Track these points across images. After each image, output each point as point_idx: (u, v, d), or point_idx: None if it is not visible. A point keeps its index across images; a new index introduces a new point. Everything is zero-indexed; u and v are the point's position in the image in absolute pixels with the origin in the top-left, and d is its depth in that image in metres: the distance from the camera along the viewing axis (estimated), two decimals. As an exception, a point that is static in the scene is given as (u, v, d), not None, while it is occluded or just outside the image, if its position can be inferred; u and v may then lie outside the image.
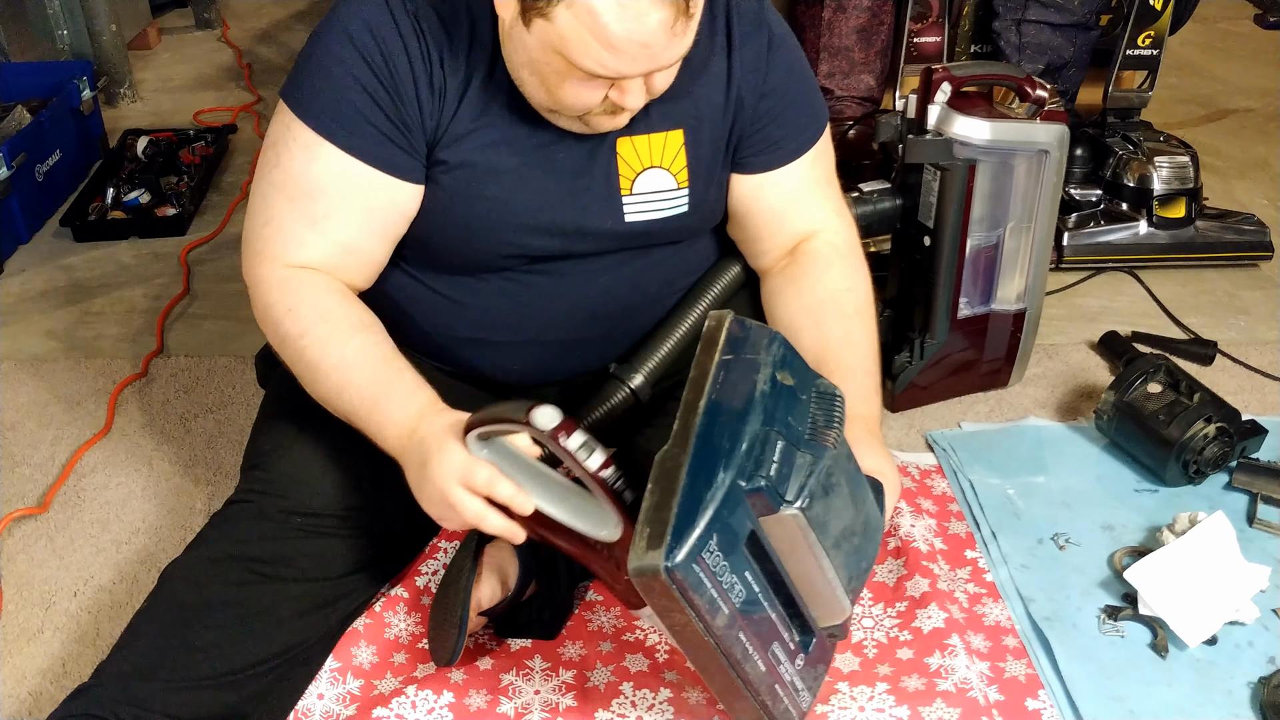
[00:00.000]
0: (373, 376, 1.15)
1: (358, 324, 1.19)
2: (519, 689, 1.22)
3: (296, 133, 1.18)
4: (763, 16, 1.28)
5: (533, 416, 0.99)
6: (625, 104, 1.13)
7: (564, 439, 0.99)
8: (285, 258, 1.19)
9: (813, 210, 1.36)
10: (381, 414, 1.14)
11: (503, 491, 1.04)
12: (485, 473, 1.04)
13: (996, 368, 1.78)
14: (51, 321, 2.03)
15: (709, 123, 1.27)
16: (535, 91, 1.15)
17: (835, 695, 1.20)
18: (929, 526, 1.45)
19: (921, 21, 2.24)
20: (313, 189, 1.18)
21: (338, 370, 1.16)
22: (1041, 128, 1.62)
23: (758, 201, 1.34)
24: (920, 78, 1.64)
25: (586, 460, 0.99)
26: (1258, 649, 1.29)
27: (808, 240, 1.36)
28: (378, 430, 1.14)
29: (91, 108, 2.63)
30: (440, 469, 1.05)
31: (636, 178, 1.26)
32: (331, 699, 1.21)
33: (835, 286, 1.33)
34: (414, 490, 1.10)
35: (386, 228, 1.22)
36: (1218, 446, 1.52)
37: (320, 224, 1.19)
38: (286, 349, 1.19)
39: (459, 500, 1.05)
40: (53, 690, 1.27)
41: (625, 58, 1.06)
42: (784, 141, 1.32)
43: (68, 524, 1.53)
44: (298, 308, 1.17)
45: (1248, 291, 2.10)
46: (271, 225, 1.20)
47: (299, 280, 1.19)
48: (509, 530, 1.06)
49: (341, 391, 1.16)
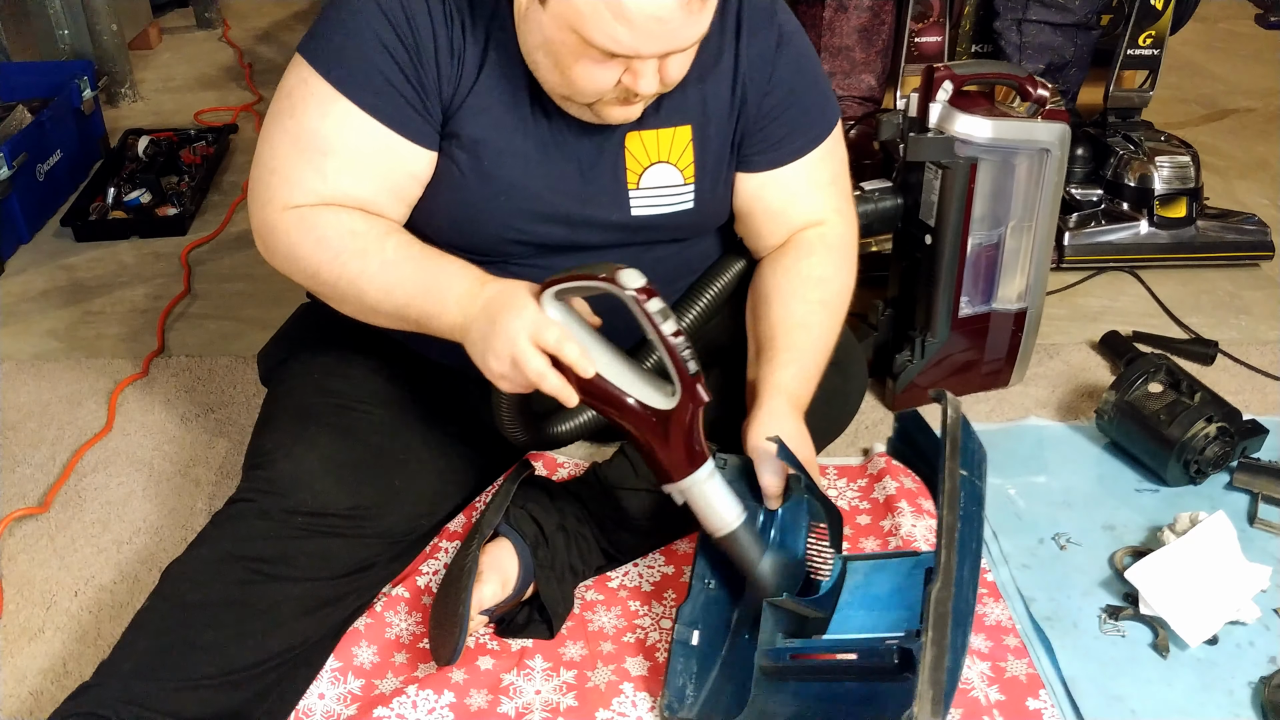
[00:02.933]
0: (421, 265, 1.16)
1: (386, 229, 1.19)
2: (519, 689, 1.22)
3: (314, 86, 1.18)
4: (774, 13, 1.28)
5: (620, 276, 1.05)
6: (638, 88, 1.12)
7: (646, 302, 1.05)
8: (294, 202, 1.19)
9: (814, 209, 1.36)
10: (440, 289, 1.14)
11: (570, 352, 1.07)
12: (555, 331, 1.07)
13: (997, 367, 1.78)
14: (52, 321, 2.03)
15: (716, 119, 1.27)
16: (549, 75, 1.15)
17: (836, 695, 1.20)
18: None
19: (922, 21, 2.24)
20: (325, 144, 1.18)
21: (382, 272, 1.16)
22: (1043, 126, 1.62)
23: (760, 200, 1.34)
24: (922, 76, 1.64)
25: (663, 324, 1.05)
26: (1259, 649, 1.29)
27: (802, 230, 1.36)
28: (438, 307, 1.14)
29: (92, 107, 2.63)
30: (513, 322, 1.07)
31: (644, 172, 1.26)
32: (332, 698, 1.21)
33: (810, 273, 1.33)
34: (477, 351, 1.11)
35: (399, 189, 1.22)
36: (1218, 446, 1.52)
37: (331, 179, 1.19)
38: (323, 275, 1.18)
39: (526, 355, 1.06)
40: (53, 690, 1.27)
41: (641, 34, 1.06)
42: (788, 140, 1.32)
43: (69, 524, 1.53)
44: (325, 235, 1.17)
45: (1249, 291, 2.10)
46: (279, 174, 1.20)
47: (315, 213, 1.19)
48: (564, 392, 1.08)
49: (391, 291, 1.16)
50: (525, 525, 1.30)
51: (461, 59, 1.18)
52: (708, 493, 1.13)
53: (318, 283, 1.20)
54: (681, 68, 1.15)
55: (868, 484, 1.54)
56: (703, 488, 1.13)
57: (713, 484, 1.13)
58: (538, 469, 1.50)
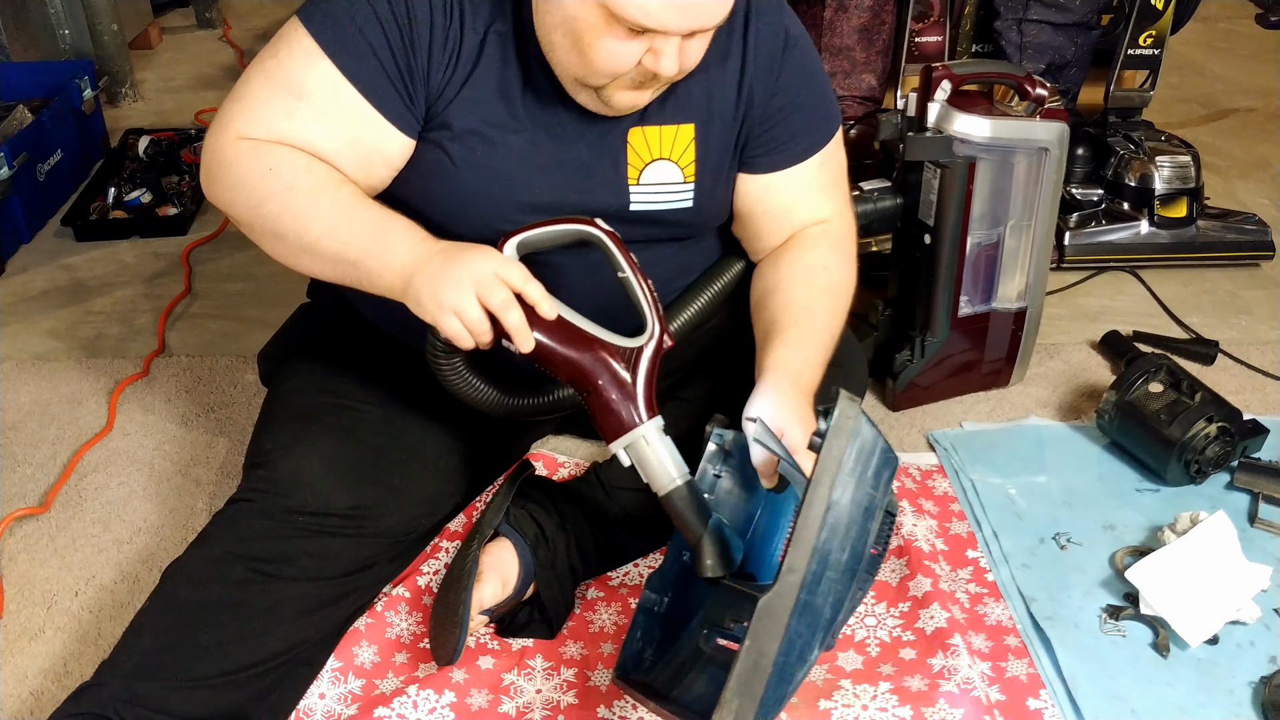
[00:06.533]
0: (373, 212, 1.15)
1: (343, 179, 1.17)
2: (520, 688, 1.22)
3: (301, 40, 1.17)
4: (781, 17, 1.28)
5: (596, 220, 1.15)
6: (659, 68, 1.11)
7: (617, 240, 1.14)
8: (252, 134, 1.18)
9: (816, 210, 1.36)
10: (390, 235, 1.12)
11: (534, 291, 1.07)
12: (521, 270, 1.07)
13: (998, 367, 1.78)
14: (53, 321, 2.03)
15: (720, 119, 1.27)
16: (566, 56, 1.14)
17: (839, 692, 1.20)
18: (930, 527, 1.45)
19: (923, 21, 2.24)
20: (300, 90, 1.17)
21: (332, 210, 1.14)
22: (1041, 125, 1.62)
23: (762, 203, 1.34)
24: (920, 75, 1.64)
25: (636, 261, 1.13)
26: (1259, 648, 1.29)
27: (803, 228, 1.36)
28: (384, 250, 1.12)
29: (93, 107, 2.63)
30: (476, 258, 1.07)
31: (645, 168, 1.26)
32: (333, 698, 1.21)
33: (814, 261, 1.33)
34: (427, 291, 1.08)
35: (364, 161, 1.20)
36: (1219, 446, 1.52)
37: (298, 122, 1.17)
38: (268, 206, 1.15)
39: (490, 285, 1.06)
40: (54, 690, 1.27)
41: (670, 6, 1.06)
42: (792, 143, 1.32)
43: (69, 523, 1.53)
44: (279, 166, 1.15)
45: (1249, 291, 2.10)
46: (243, 104, 1.19)
47: (270, 146, 1.17)
48: (522, 333, 1.07)
49: (337, 229, 1.13)
50: (525, 525, 1.30)
51: (457, 49, 1.18)
52: (658, 448, 1.12)
53: (260, 214, 1.16)
54: (700, 51, 1.15)
55: (868, 484, 1.54)
56: (654, 443, 1.12)
57: (663, 441, 1.12)
58: (538, 469, 1.50)
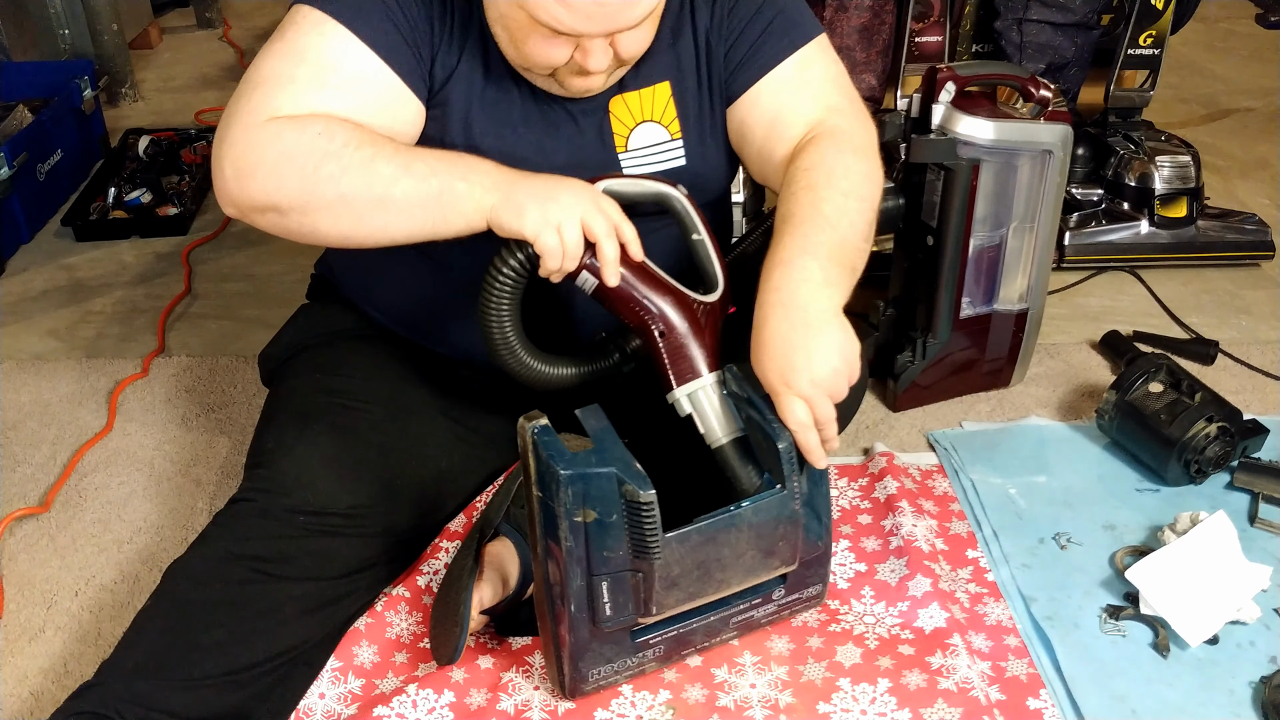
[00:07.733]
0: (443, 153, 1.13)
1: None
2: (519, 687, 1.22)
3: (311, 16, 1.16)
4: None
5: (678, 184, 1.21)
6: (588, 65, 1.14)
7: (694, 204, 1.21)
8: (283, 111, 1.12)
9: (803, 111, 1.28)
10: (468, 158, 1.12)
11: (628, 230, 1.12)
12: (617, 207, 1.13)
13: (998, 367, 1.78)
14: (53, 321, 2.03)
15: (690, 73, 1.28)
16: (506, 48, 1.18)
17: (837, 694, 1.20)
18: (930, 526, 1.45)
19: (923, 21, 2.24)
20: (325, 63, 1.14)
21: (397, 153, 1.11)
22: (1045, 128, 1.62)
23: (749, 120, 1.29)
24: (924, 77, 1.64)
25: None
26: (1259, 648, 1.29)
27: (800, 140, 1.27)
28: (469, 169, 1.10)
29: (93, 107, 2.63)
30: (580, 186, 1.11)
31: (630, 134, 1.27)
32: (333, 698, 1.21)
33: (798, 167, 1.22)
34: (531, 202, 1.08)
35: (391, 132, 1.16)
36: (1219, 446, 1.52)
37: (329, 94, 1.13)
38: (326, 168, 1.08)
39: (596, 213, 1.09)
40: (54, 690, 1.27)
41: (580, 15, 1.08)
42: (760, 51, 1.28)
43: (69, 523, 1.53)
44: (328, 128, 1.10)
45: (1249, 291, 2.10)
46: (266, 85, 1.13)
47: (311, 116, 1.11)
48: (615, 264, 1.11)
49: (410, 164, 1.10)
50: (526, 524, 1.30)
51: (450, 29, 1.20)
52: (717, 401, 1.17)
53: (318, 180, 1.09)
54: (639, 43, 1.16)
55: (868, 483, 1.54)
56: (714, 396, 1.17)
57: (722, 396, 1.17)
58: (538, 469, 1.50)
